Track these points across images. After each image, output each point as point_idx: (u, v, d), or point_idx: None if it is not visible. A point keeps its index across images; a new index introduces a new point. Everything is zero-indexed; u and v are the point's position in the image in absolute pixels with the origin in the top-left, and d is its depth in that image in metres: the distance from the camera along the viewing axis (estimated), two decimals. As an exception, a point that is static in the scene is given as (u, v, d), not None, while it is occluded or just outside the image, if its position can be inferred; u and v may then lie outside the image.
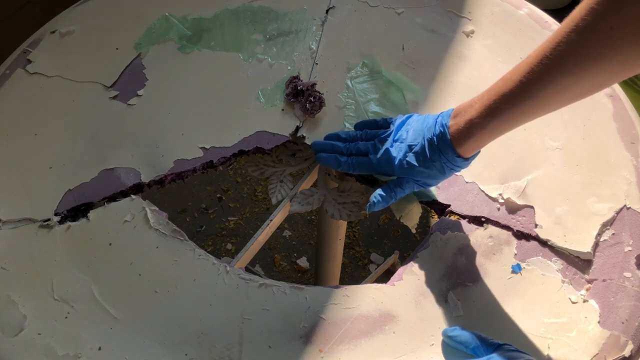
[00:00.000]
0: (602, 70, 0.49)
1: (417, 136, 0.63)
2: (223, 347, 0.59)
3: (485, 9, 0.87)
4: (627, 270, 0.63)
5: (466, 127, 0.58)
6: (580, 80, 0.50)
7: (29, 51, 0.78)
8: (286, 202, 0.72)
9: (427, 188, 0.68)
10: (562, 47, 0.49)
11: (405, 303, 0.62)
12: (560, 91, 0.52)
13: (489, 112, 0.56)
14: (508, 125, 0.57)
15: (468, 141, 0.59)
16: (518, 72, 0.53)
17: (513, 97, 0.54)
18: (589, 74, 0.49)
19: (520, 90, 0.53)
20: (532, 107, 0.54)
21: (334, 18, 0.87)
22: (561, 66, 0.50)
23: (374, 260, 1.49)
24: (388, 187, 0.66)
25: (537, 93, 0.52)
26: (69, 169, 0.69)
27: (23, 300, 0.59)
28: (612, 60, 0.48)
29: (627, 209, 0.68)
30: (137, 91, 0.77)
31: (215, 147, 0.73)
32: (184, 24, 0.84)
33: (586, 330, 0.60)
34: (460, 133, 0.59)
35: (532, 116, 0.56)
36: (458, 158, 0.61)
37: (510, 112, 0.55)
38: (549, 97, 0.52)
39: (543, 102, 0.53)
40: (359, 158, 0.68)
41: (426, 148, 0.62)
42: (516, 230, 0.67)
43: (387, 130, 0.67)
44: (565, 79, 0.50)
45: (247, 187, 1.60)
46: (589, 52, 0.48)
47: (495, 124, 0.56)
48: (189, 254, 0.64)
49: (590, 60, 0.48)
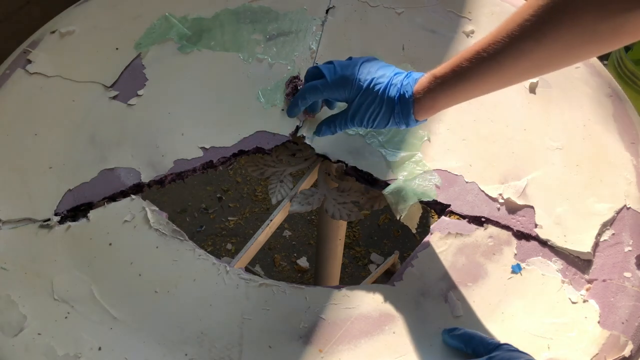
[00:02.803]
0: (559, 40, 0.50)
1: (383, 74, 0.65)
2: (223, 347, 0.59)
3: (485, 9, 0.88)
4: (627, 270, 0.63)
5: (428, 82, 0.61)
6: (537, 47, 0.52)
7: (29, 51, 0.78)
8: (286, 202, 0.72)
9: (368, 128, 0.68)
10: (526, 15, 0.51)
11: (405, 303, 0.62)
12: (517, 57, 0.53)
13: (452, 71, 0.58)
14: (468, 85, 0.58)
15: (427, 97, 0.61)
16: (486, 37, 0.55)
17: (476, 59, 0.55)
18: (547, 40, 0.51)
19: (484, 52, 0.55)
20: (491, 70, 0.55)
21: (334, 18, 0.87)
22: (522, 32, 0.51)
23: (374, 260, 1.49)
24: (334, 117, 0.69)
25: (497, 56, 0.54)
26: (69, 169, 0.69)
27: (23, 300, 0.59)
28: (571, 30, 0.49)
29: (627, 209, 0.68)
30: (137, 91, 0.76)
31: (215, 147, 0.73)
32: (184, 24, 0.84)
33: (586, 331, 0.60)
34: (422, 89, 0.61)
35: (491, 81, 0.57)
36: (411, 115, 0.63)
37: (471, 72, 0.56)
38: (507, 62, 0.54)
39: (501, 65, 0.54)
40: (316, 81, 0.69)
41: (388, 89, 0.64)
42: (516, 230, 0.67)
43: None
44: (525, 44, 0.52)
45: (247, 187, 1.60)
46: (550, 17, 0.49)
47: (456, 82, 0.58)
48: (189, 254, 0.64)
49: (549, 26, 0.50)
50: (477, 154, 0.73)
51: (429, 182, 0.71)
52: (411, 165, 0.72)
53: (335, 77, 0.66)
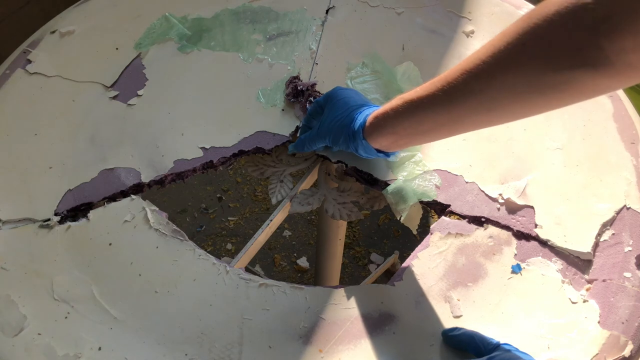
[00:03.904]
0: (506, 85, 0.50)
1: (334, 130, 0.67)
2: (223, 347, 0.59)
3: (485, 9, 0.88)
4: (627, 270, 0.63)
5: (375, 120, 0.62)
6: (487, 89, 0.51)
7: (29, 51, 0.78)
8: (286, 202, 0.72)
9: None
10: (483, 56, 0.50)
11: (405, 303, 0.62)
12: (467, 95, 0.52)
13: (395, 112, 0.59)
14: (419, 115, 0.57)
15: (373, 134, 0.62)
16: (446, 72, 0.54)
17: (430, 88, 0.55)
18: (496, 84, 0.50)
19: (438, 82, 0.54)
20: (441, 103, 0.55)
21: (334, 18, 0.87)
22: (476, 70, 0.51)
23: (374, 260, 1.49)
24: (304, 137, 0.71)
25: (449, 90, 0.53)
26: (69, 169, 0.69)
27: (23, 300, 0.59)
28: (517, 78, 0.48)
29: (627, 209, 0.68)
30: (137, 91, 0.77)
31: (215, 147, 0.73)
32: (184, 24, 0.84)
33: (586, 331, 0.60)
34: (377, 114, 0.62)
35: (441, 114, 0.56)
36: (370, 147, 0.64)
37: (422, 102, 0.56)
38: (457, 97, 0.53)
39: (451, 100, 0.54)
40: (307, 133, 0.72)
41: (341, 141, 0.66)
42: (516, 230, 0.67)
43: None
44: (476, 83, 0.51)
45: (247, 187, 1.60)
46: (502, 62, 0.49)
47: (407, 110, 0.58)
48: (189, 254, 0.64)
49: (500, 70, 0.49)
50: (477, 154, 0.73)
51: (429, 182, 0.71)
52: (411, 165, 0.72)
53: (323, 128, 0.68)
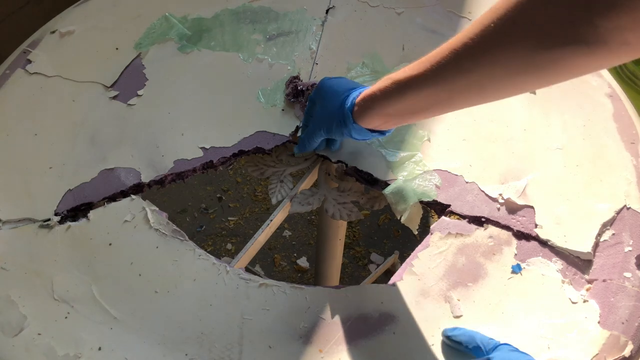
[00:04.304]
0: (497, 64, 0.50)
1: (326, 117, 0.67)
2: (223, 347, 0.59)
3: (485, 9, 0.87)
4: (627, 271, 0.63)
5: (363, 102, 0.61)
6: (476, 68, 0.51)
7: (29, 51, 0.78)
8: (286, 202, 0.72)
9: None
10: (471, 34, 0.50)
11: (405, 303, 0.62)
12: (456, 73, 0.52)
13: (383, 93, 0.58)
14: (409, 94, 0.57)
15: (367, 99, 0.61)
16: (422, 60, 0.55)
17: (419, 66, 0.55)
18: (485, 62, 0.50)
19: (427, 62, 0.54)
20: (430, 81, 0.55)
21: (334, 18, 0.87)
22: (465, 49, 0.51)
23: (374, 260, 1.49)
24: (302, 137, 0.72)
25: (438, 69, 0.53)
26: (69, 169, 0.69)
27: (23, 300, 0.59)
28: (508, 56, 0.49)
29: (627, 209, 0.68)
30: (137, 91, 0.76)
31: (215, 147, 0.73)
32: (184, 24, 0.84)
33: (586, 331, 0.60)
34: (365, 94, 0.62)
35: (430, 93, 0.56)
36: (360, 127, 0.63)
37: (412, 81, 0.56)
38: (448, 76, 0.53)
39: (441, 79, 0.54)
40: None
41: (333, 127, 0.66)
42: (516, 230, 0.67)
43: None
44: (465, 62, 0.51)
45: (247, 187, 1.60)
46: (491, 40, 0.49)
47: (396, 89, 0.58)
48: (189, 254, 0.64)
49: (489, 47, 0.49)
50: (477, 154, 0.73)
51: (429, 182, 0.71)
52: (411, 165, 0.72)
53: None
